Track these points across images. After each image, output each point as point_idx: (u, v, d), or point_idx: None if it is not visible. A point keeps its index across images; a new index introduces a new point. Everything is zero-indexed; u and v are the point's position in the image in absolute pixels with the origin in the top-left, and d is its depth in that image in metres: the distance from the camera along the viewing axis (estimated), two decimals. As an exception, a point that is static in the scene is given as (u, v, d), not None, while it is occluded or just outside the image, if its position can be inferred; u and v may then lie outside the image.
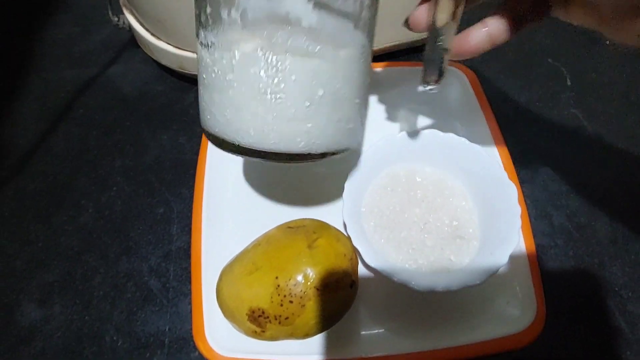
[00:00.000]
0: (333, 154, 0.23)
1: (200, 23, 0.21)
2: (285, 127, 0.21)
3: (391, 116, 0.36)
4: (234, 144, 0.22)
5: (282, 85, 0.20)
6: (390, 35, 0.38)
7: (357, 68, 0.22)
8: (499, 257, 0.26)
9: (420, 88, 0.25)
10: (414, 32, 0.24)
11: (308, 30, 0.19)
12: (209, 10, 0.20)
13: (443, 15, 0.22)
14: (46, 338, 0.31)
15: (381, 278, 0.26)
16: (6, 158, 0.40)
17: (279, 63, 0.19)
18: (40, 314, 0.32)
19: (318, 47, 0.20)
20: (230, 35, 0.20)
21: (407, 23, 0.24)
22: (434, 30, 0.23)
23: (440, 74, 0.24)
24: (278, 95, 0.20)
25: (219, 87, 0.21)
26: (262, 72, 0.20)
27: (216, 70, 0.21)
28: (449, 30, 0.23)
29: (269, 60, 0.19)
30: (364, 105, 0.25)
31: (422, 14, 0.23)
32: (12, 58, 0.47)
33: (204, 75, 0.22)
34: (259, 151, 0.21)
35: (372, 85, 0.33)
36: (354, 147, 0.25)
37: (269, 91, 0.20)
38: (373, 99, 0.34)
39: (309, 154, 0.22)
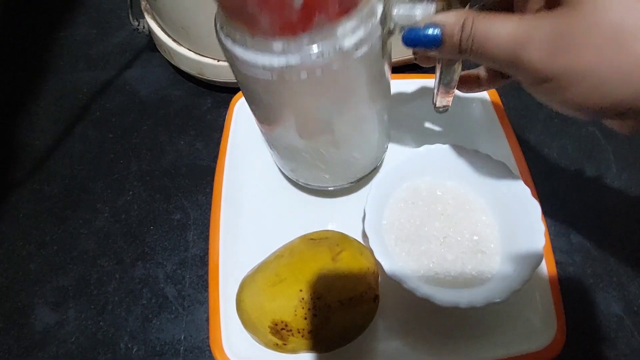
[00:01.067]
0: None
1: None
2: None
3: (412, 129, 0.36)
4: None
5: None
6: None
7: (374, 128, 0.28)
8: (522, 273, 0.25)
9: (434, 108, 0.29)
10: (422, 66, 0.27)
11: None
12: None
13: None
14: (60, 343, 0.31)
15: (402, 292, 0.26)
16: (23, 160, 0.40)
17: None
18: (55, 319, 0.32)
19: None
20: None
21: (415, 56, 0.26)
22: (441, 68, 0.25)
23: (447, 104, 0.28)
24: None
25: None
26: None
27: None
28: (455, 68, 0.25)
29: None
30: (384, 131, 0.31)
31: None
32: (30, 59, 0.47)
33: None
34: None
35: (394, 97, 0.33)
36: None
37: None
38: (394, 112, 0.34)
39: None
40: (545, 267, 0.30)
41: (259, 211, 0.34)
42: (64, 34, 0.49)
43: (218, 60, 0.37)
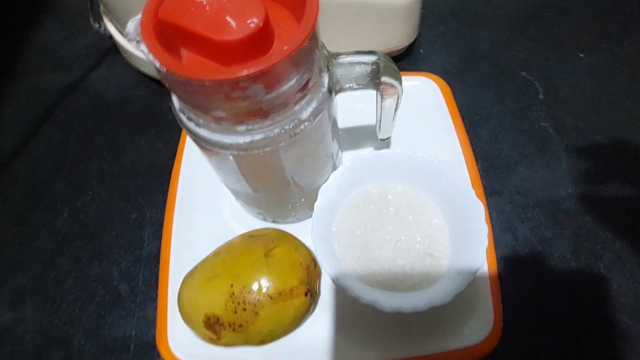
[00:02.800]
0: None
1: None
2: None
3: (362, 131, 0.36)
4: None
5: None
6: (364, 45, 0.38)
7: (330, 163, 0.30)
8: (465, 276, 0.26)
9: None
10: None
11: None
12: None
13: None
14: (16, 341, 0.32)
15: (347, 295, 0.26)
16: (-14, 161, 0.41)
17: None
18: (12, 317, 0.33)
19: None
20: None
21: None
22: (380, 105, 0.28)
23: (389, 135, 0.33)
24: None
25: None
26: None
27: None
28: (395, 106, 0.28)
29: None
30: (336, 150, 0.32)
31: None
32: (-2, 62, 0.48)
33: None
34: None
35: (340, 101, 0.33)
36: None
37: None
38: (343, 115, 0.34)
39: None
40: (487, 266, 0.30)
41: (212, 211, 0.35)
42: (32, 36, 0.49)
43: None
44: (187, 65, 0.17)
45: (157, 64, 0.17)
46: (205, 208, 0.35)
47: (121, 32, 0.39)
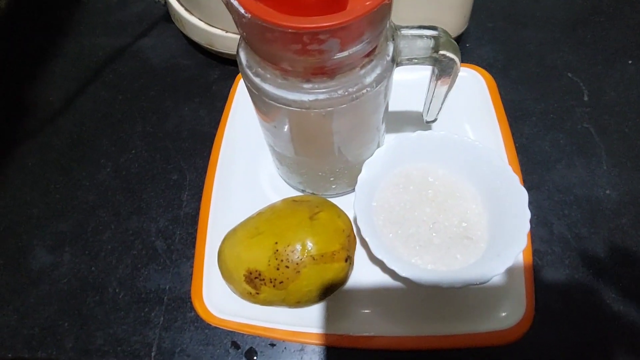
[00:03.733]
0: None
1: None
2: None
3: (407, 115, 0.37)
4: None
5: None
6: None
7: (377, 139, 0.31)
8: (504, 258, 0.26)
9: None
10: None
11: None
12: None
13: None
14: (53, 282, 0.33)
15: (385, 269, 0.27)
16: (37, 113, 0.42)
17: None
18: (51, 260, 0.34)
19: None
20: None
21: None
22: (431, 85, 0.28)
23: (435, 118, 0.33)
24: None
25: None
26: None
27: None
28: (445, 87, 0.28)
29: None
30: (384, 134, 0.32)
31: None
32: (53, 22, 0.49)
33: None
34: None
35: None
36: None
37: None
38: (391, 100, 0.35)
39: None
40: (522, 253, 0.30)
41: (251, 177, 0.35)
42: (87, 0, 0.51)
43: (227, 32, 0.39)
44: (270, 11, 0.18)
45: (242, 10, 0.18)
46: (245, 175, 0.35)
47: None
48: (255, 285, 0.25)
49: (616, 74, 0.41)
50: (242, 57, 0.23)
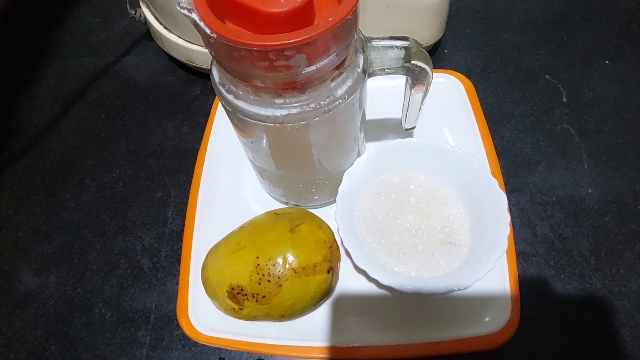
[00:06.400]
0: None
1: None
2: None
3: (386, 123, 0.37)
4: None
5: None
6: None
7: (356, 148, 0.31)
8: (486, 262, 0.26)
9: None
10: None
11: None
12: None
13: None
14: (40, 305, 0.33)
15: (369, 278, 0.27)
16: (21, 136, 0.42)
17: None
18: (37, 283, 0.34)
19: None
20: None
21: None
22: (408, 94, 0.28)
23: (414, 125, 0.33)
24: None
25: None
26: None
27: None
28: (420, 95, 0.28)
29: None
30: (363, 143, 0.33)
31: None
32: (36, 45, 0.50)
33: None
34: None
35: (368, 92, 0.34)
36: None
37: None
38: (369, 108, 0.35)
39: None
40: (505, 257, 0.30)
41: (235, 191, 0.35)
42: (68, 22, 0.51)
43: (205, 48, 0.39)
44: (236, 31, 0.18)
45: (208, 31, 0.18)
46: (229, 190, 0.35)
47: (157, 17, 0.40)
48: (238, 300, 0.25)
49: (594, 74, 0.41)
50: (215, 74, 0.24)
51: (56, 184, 0.39)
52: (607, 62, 0.42)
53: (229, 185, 0.36)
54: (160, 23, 0.40)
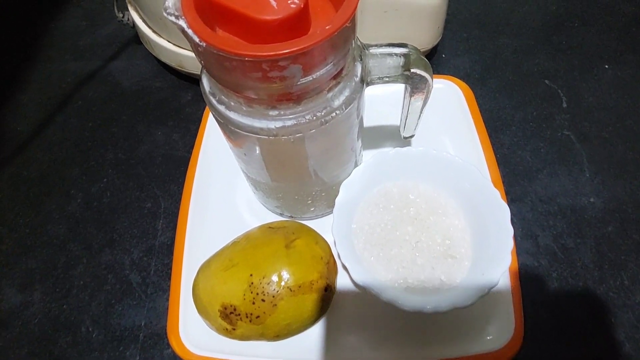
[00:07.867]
0: None
1: None
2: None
3: (384, 131, 0.36)
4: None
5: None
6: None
7: (353, 158, 0.30)
8: (490, 277, 0.25)
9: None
10: None
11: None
12: None
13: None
14: (24, 324, 0.31)
15: (367, 293, 0.26)
16: (4, 145, 0.40)
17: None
18: (20, 300, 0.32)
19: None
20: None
21: None
22: (407, 102, 0.27)
23: (413, 134, 0.32)
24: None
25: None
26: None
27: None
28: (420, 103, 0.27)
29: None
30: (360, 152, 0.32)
31: None
32: (20, 49, 0.48)
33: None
34: None
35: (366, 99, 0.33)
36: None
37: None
38: (367, 115, 0.34)
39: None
40: (508, 271, 0.29)
41: (228, 202, 0.34)
42: (54, 24, 0.50)
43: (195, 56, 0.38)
44: (227, 40, 0.17)
45: (197, 39, 0.17)
46: (221, 201, 0.34)
47: (145, 21, 0.39)
48: (231, 320, 0.24)
49: (593, 79, 0.41)
50: (205, 84, 0.22)
51: (41, 195, 0.37)
52: (606, 66, 0.41)
53: (222, 196, 0.34)
54: (149, 27, 0.39)
